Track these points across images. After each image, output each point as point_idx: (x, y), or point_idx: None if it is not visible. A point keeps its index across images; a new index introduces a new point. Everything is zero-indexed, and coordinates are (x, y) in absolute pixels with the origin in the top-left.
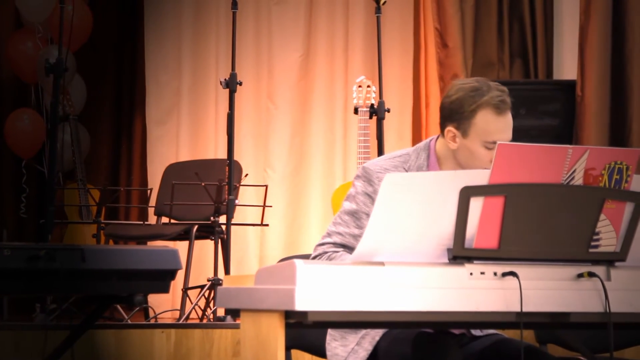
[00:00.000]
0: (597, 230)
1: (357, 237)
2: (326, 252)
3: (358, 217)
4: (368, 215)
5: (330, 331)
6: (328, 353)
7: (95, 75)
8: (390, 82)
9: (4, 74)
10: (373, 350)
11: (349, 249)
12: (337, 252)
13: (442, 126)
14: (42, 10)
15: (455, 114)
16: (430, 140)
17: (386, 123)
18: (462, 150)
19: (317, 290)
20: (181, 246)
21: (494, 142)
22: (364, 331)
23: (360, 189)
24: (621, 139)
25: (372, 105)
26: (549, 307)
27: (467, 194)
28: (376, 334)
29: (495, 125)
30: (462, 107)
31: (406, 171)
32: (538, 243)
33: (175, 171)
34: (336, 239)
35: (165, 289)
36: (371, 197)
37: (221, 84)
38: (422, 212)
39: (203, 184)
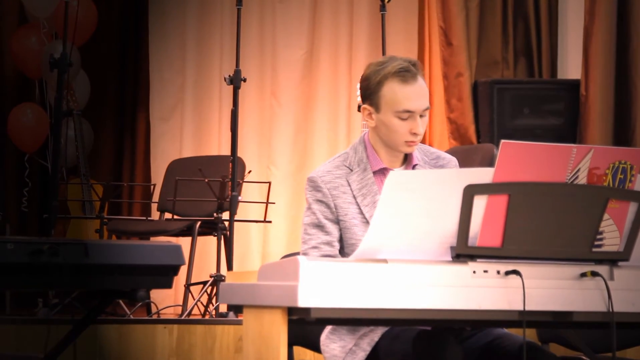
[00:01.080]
0: (600, 229)
1: (331, 243)
2: None
3: (322, 226)
4: (328, 219)
5: (327, 333)
6: (325, 355)
7: (99, 70)
8: None
9: (7, 69)
10: (373, 350)
11: (330, 257)
12: None
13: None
14: (47, 6)
15: (366, 91)
16: (364, 135)
17: None
18: (380, 126)
19: (320, 287)
20: (184, 242)
21: (406, 111)
22: (361, 331)
23: (312, 199)
24: (625, 138)
25: None
26: (551, 306)
27: (470, 192)
28: (375, 335)
29: (402, 93)
30: (370, 82)
31: (348, 168)
32: (541, 242)
33: (178, 167)
34: (314, 253)
35: (168, 285)
36: (324, 202)
37: (225, 80)
38: (426, 210)
39: (206, 180)
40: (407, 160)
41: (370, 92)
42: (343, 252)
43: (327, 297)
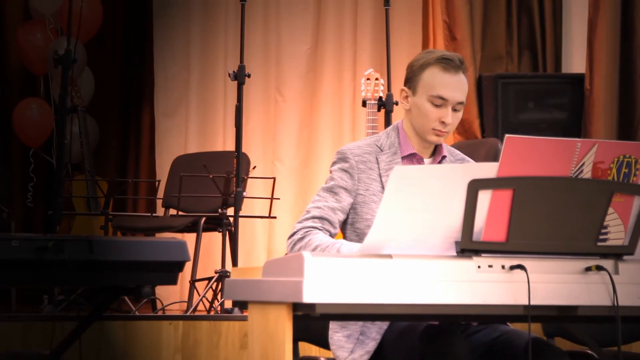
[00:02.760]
0: (605, 223)
1: (335, 210)
2: (304, 228)
3: (335, 192)
4: (344, 189)
5: (331, 323)
6: (332, 347)
7: (103, 67)
8: (399, 75)
9: (13, 64)
10: (378, 344)
11: (327, 221)
12: (315, 227)
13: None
14: (52, 2)
15: (409, 74)
16: (398, 122)
17: (394, 116)
18: (413, 110)
19: (325, 283)
20: (189, 238)
21: (440, 98)
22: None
23: (337, 167)
24: (630, 132)
25: (380, 98)
26: (556, 301)
27: (475, 186)
28: (382, 322)
29: (440, 80)
30: (414, 66)
31: (379, 148)
32: (546, 236)
33: (183, 163)
34: (315, 212)
35: (173, 281)
36: (348, 172)
37: (229, 76)
38: (430, 205)
39: (211, 176)
40: (436, 152)
41: (412, 75)
42: (353, 226)
43: (332, 292)
